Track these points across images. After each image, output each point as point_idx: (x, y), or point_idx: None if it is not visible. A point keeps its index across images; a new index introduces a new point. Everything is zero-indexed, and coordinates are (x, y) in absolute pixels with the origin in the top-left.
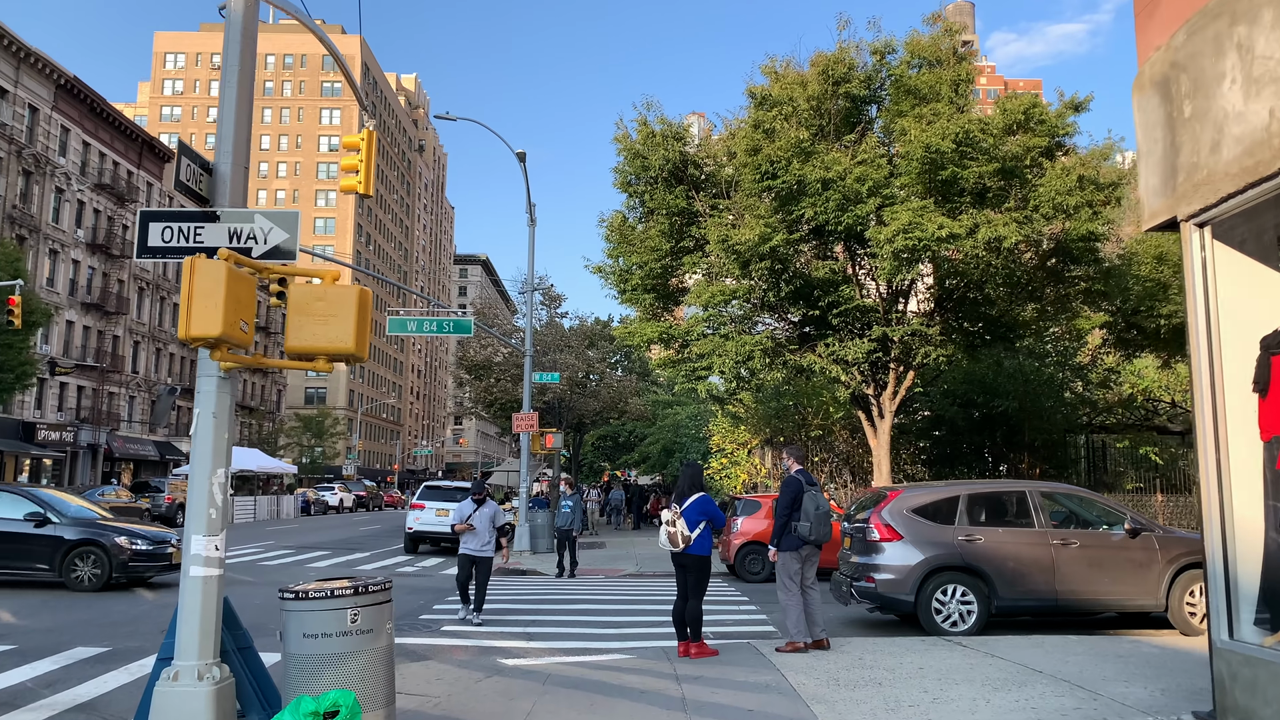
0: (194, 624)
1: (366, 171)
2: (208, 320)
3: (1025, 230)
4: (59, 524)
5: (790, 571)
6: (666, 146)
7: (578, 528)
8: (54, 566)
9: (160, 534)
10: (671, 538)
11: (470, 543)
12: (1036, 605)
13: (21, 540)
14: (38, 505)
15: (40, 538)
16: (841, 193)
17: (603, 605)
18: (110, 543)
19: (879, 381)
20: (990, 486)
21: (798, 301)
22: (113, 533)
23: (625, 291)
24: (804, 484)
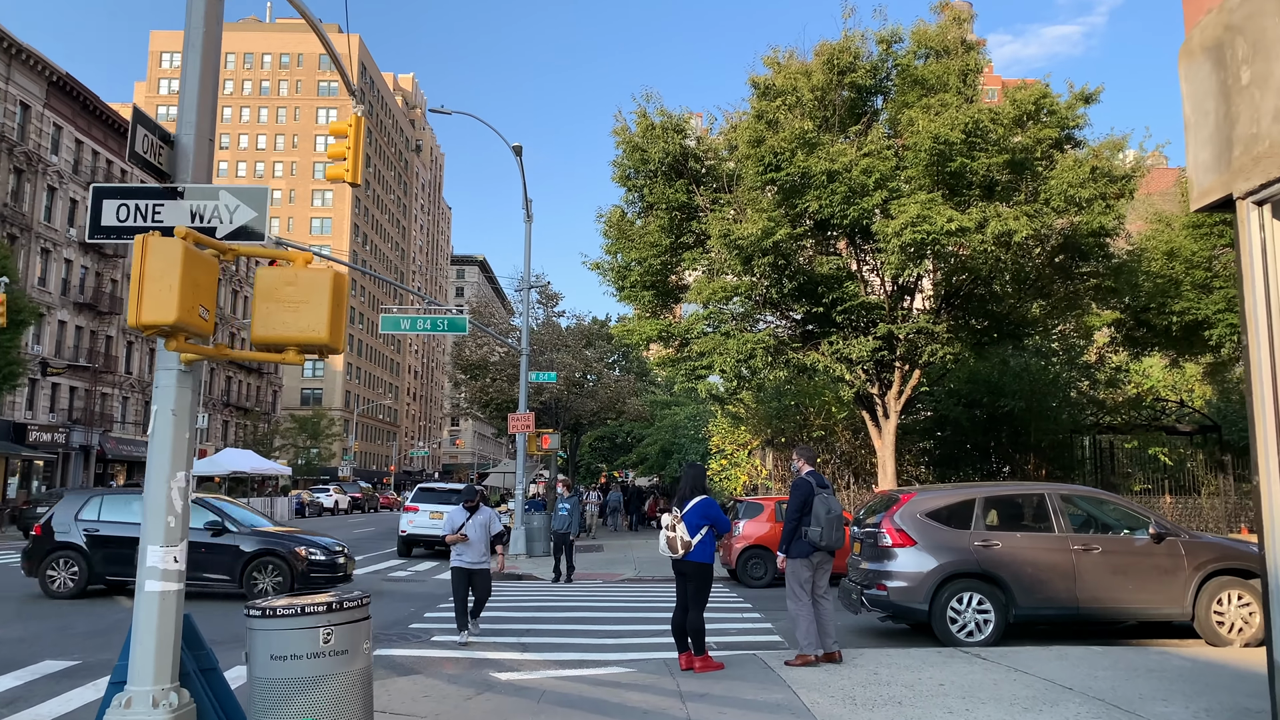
0: (149, 644)
1: (354, 159)
2: (161, 306)
3: (1036, 224)
4: (236, 533)
5: (800, 580)
6: (666, 139)
7: (575, 531)
8: (234, 577)
9: (330, 542)
10: (671, 543)
11: (464, 555)
12: (1057, 614)
13: (201, 550)
14: (215, 514)
15: (219, 547)
16: (847, 185)
17: (601, 613)
18: (289, 552)
19: (884, 380)
20: (1008, 489)
21: (801, 298)
22: (290, 542)
23: (624, 289)
24: (815, 486)
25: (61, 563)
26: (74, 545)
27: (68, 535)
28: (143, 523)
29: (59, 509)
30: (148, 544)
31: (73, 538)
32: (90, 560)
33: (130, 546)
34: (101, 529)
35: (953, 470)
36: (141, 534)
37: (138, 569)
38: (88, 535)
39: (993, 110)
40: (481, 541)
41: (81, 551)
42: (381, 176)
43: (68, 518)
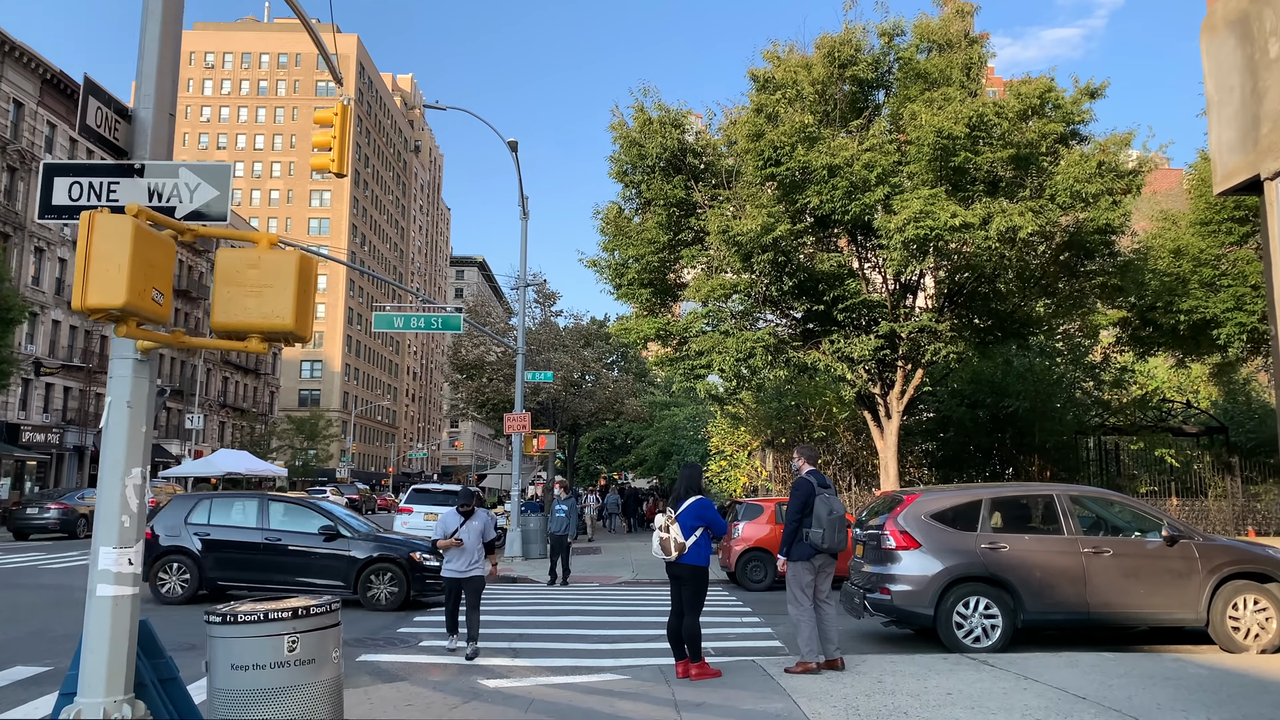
0: (101, 654)
1: (340, 149)
2: (109, 288)
3: (1041, 220)
4: (350, 538)
5: (802, 584)
6: (664, 134)
7: (572, 533)
8: (350, 584)
9: None
10: (664, 545)
11: (456, 561)
12: (1066, 619)
13: (316, 557)
14: (327, 518)
15: (333, 554)
16: (849, 180)
17: (595, 616)
18: (404, 558)
19: (886, 380)
20: (1015, 490)
21: (801, 296)
22: (403, 547)
23: (621, 286)
24: (816, 486)
25: (173, 567)
26: (185, 550)
27: (177, 539)
28: (95, 522)
29: (166, 512)
30: (99, 545)
31: (183, 542)
32: (201, 565)
33: (242, 551)
34: (213, 533)
35: (955, 472)
36: (94, 534)
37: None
38: (199, 539)
39: (997, 104)
40: (476, 549)
41: (193, 556)
42: (380, 177)
43: (176, 521)
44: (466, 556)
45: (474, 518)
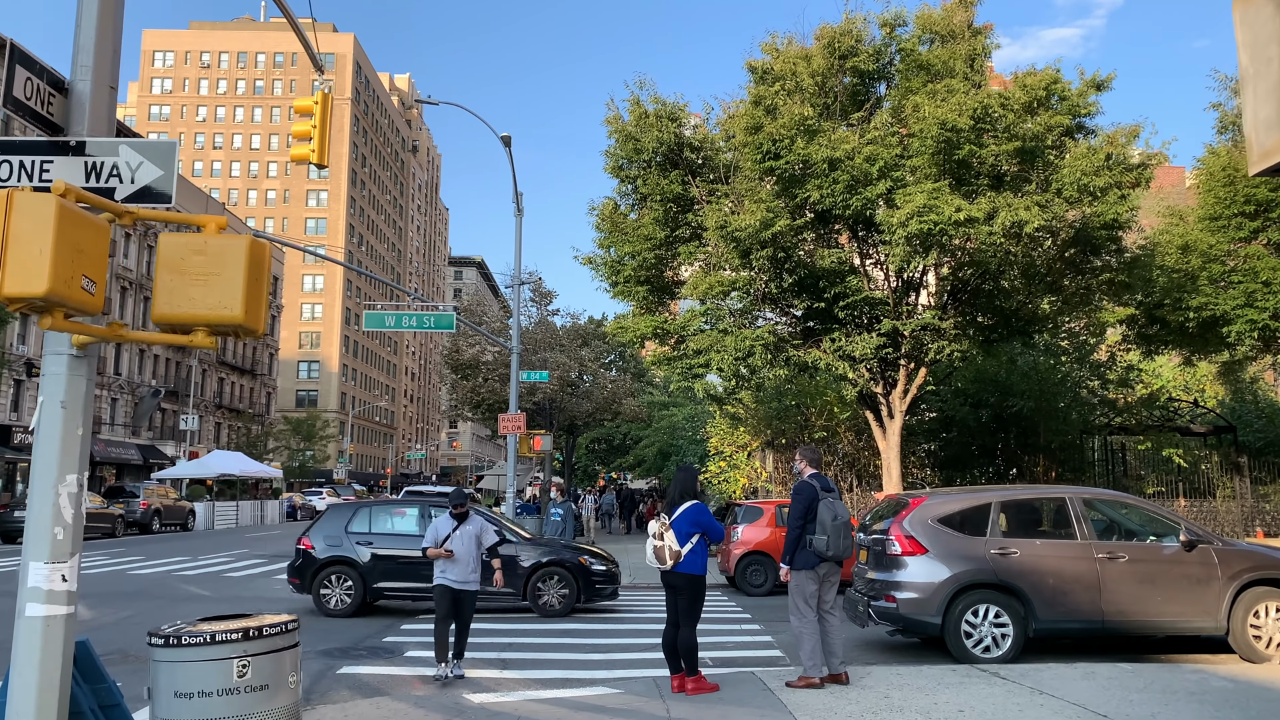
0: (31, 680)
1: (321, 138)
2: (29, 274)
3: (1047, 215)
4: (517, 544)
5: (805, 594)
6: (660, 128)
7: (568, 538)
8: (518, 590)
9: (602, 551)
10: (658, 553)
11: (449, 572)
12: (1080, 628)
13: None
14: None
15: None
16: (850, 173)
17: (588, 624)
18: (574, 563)
19: (888, 379)
20: (1026, 493)
21: (801, 293)
22: (571, 552)
23: (617, 284)
24: (819, 490)
25: (334, 579)
26: (348, 560)
27: (339, 549)
28: (25, 534)
29: (324, 522)
30: (29, 559)
31: (345, 551)
32: (365, 575)
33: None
34: (375, 541)
35: (958, 473)
36: (24, 547)
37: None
38: (362, 548)
39: (1002, 95)
40: (471, 557)
41: (355, 566)
42: (377, 176)
43: (337, 530)
44: (460, 567)
45: (468, 522)
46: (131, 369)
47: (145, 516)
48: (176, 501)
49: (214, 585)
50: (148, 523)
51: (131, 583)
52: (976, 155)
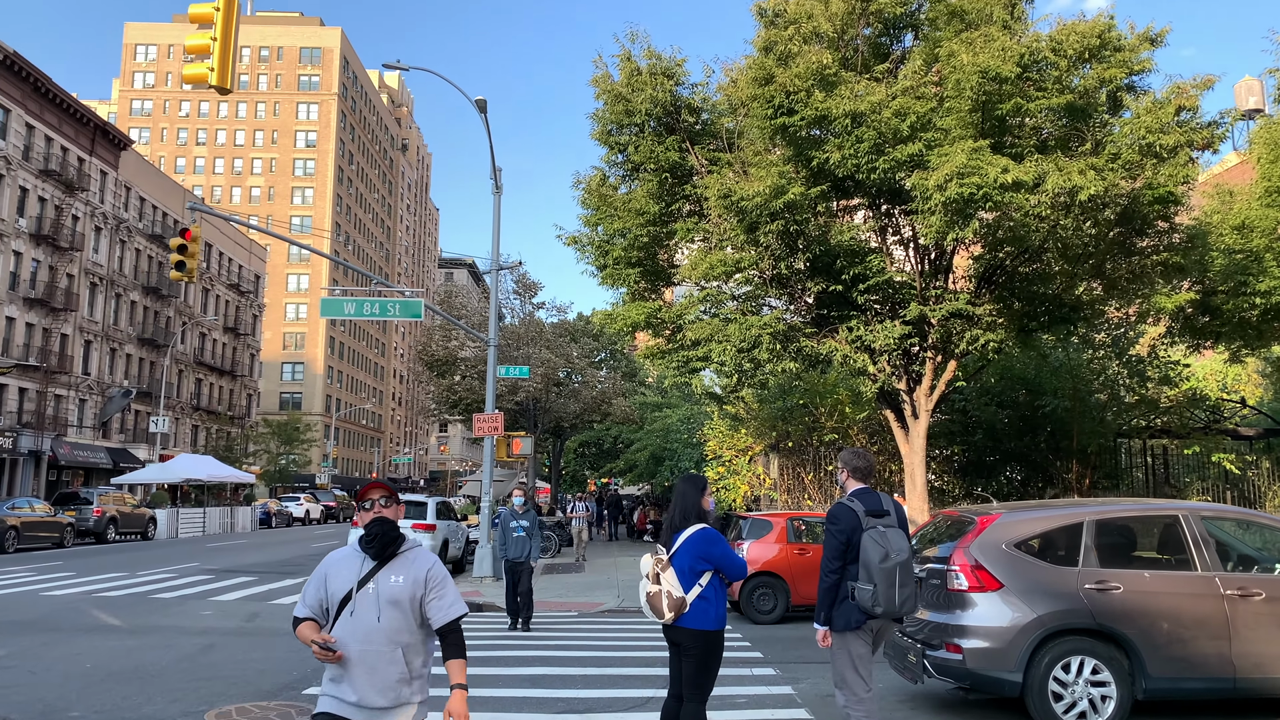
0: None
1: (223, 56)
2: None
3: (1104, 181)
4: None
5: (855, 659)
6: (655, 85)
7: (535, 556)
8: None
9: None
10: (653, 602)
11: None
12: (1204, 688)
13: None
14: None
15: None
16: (876, 130)
17: (565, 668)
18: None
19: (912, 374)
20: (1127, 509)
21: (815, 275)
22: None
23: (605, 266)
24: (861, 515)
25: None
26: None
27: None
28: None
29: None
30: None
31: None
32: None
33: None
34: None
35: (983, 480)
36: None
37: None
38: None
39: (1053, 39)
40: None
41: None
42: (365, 174)
43: None
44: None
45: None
46: (101, 368)
47: (99, 525)
48: (135, 508)
49: (133, 611)
50: (102, 531)
51: (37, 607)
52: (1024, 110)
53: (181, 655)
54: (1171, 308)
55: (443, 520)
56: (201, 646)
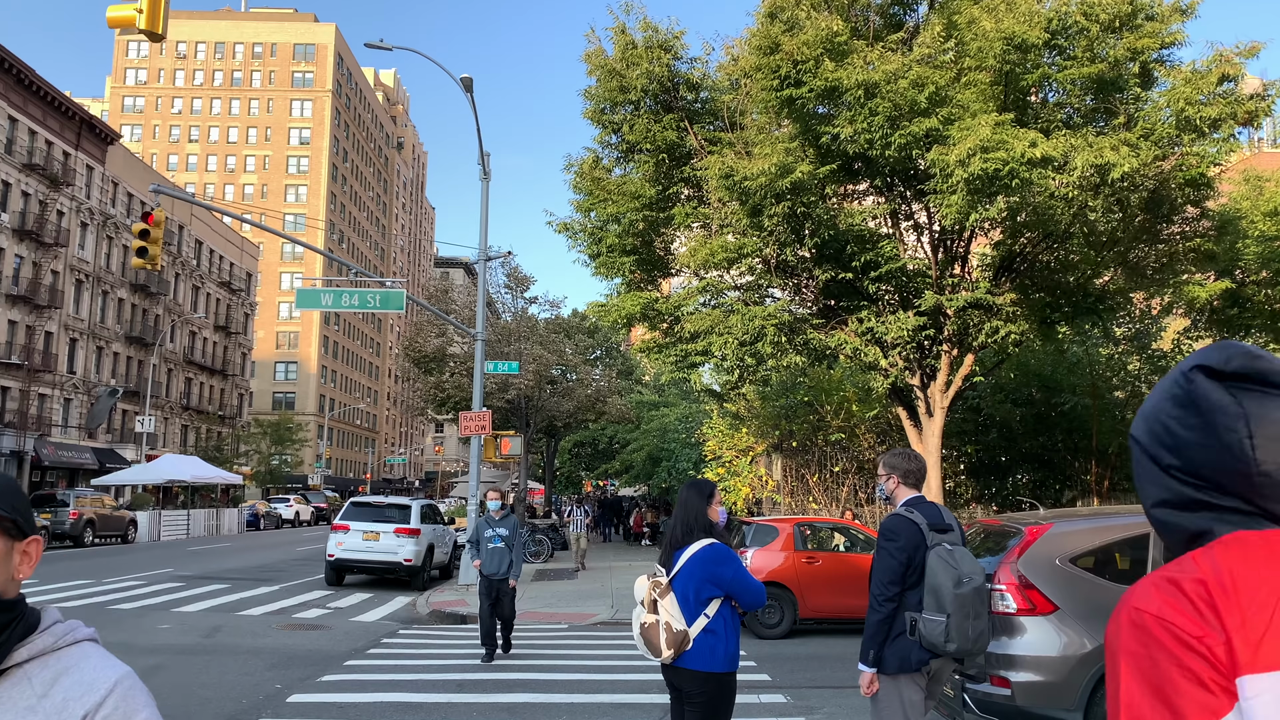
0: None
1: None
2: None
3: (1138, 158)
4: None
5: (908, 705)
6: (651, 59)
7: (516, 572)
8: None
9: None
10: (648, 636)
11: None
12: None
13: None
14: None
15: None
16: (891, 102)
17: (550, 693)
18: None
19: (926, 368)
20: None
21: (823, 262)
22: None
23: (599, 255)
24: (924, 530)
25: None
26: None
27: None
28: None
29: None
30: None
31: None
32: None
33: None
34: None
35: (999, 480)
36: None
37: None
38: None
39: (1084, 2)
40: None
41: None
42: (359, 172)
43: None
44: None
45: (30, 685)
46: (88, 367)
47: (76, 528)
48: (115, 511)
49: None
50: (79, 535)
51: None
52: (1051, 81)
53: None
54: (1206, 297)
55: (428, 524)
56: (147, 669)
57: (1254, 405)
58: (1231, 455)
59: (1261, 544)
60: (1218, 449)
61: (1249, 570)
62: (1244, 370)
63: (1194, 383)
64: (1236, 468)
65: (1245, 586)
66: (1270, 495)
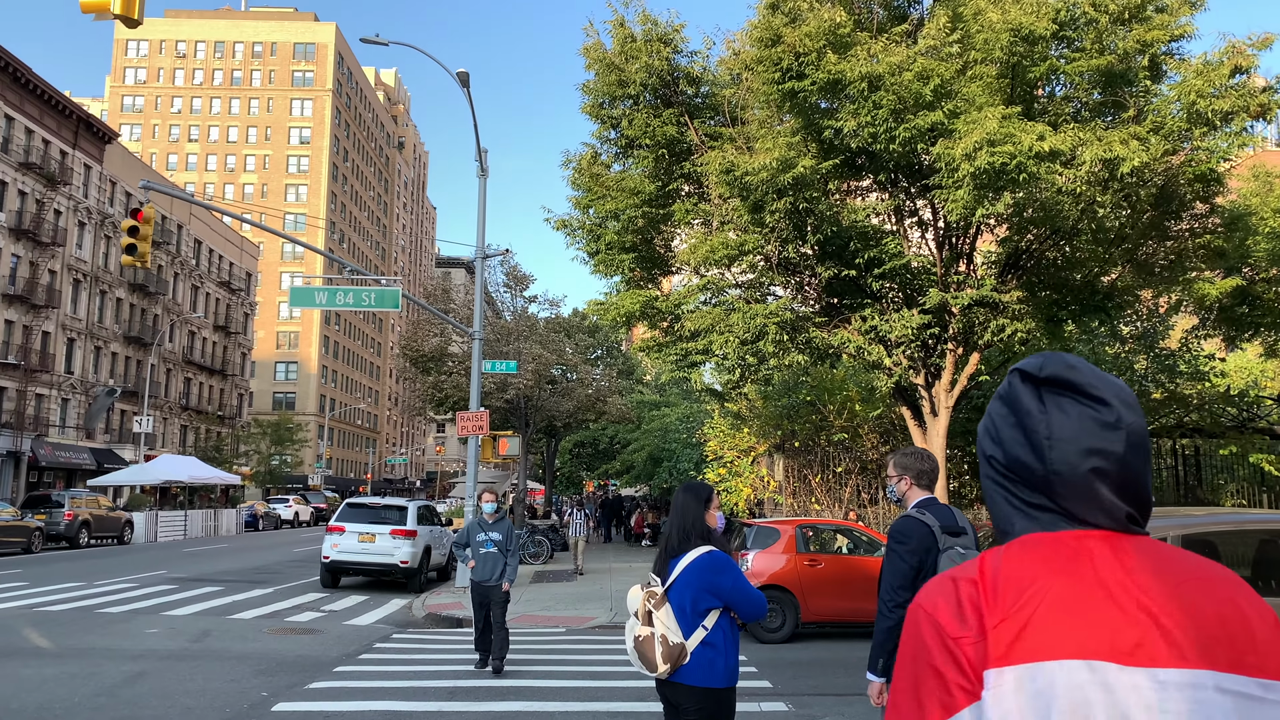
0: None
1: None
2: None
3: (1149, 152)
4: None
5: None
6: (651, 53)
7: (511, 575)
8: None
9: None
10: (643, 650)
11: None
12: None
13: None
14: None
15: None
16: (896, 94)
17: (545, 702)
18: None
19: (930, 367)
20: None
21: (825, 259)
22: None
23: (598, 252)
24: (936, 533)
25: None
26: None
27: None
28: None
29: None
30: None
31: None
32: None
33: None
34: None
35: None
36: None
37: None
38: None
39: None
40: None
41: None
42: (360, 172)
43: None
44: None
45: None
46: (86, 367)
47: (71, 529)
48: (110, 512)
49: (70, 629)
50: (74, 536)
51: None
52: (1059, 74)
53: (101, 688)
54: (1216, 295)
55: (424, 525)
56: (129, 676)
57: (1056, 410)
58: (1034, 453)
59: (1042, 546)
60: (1025, 446)
61: (1021, 571)
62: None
63: (1013, 385)
64: (1035, 466)
65: (1012, 588)
66: (1063, 494)
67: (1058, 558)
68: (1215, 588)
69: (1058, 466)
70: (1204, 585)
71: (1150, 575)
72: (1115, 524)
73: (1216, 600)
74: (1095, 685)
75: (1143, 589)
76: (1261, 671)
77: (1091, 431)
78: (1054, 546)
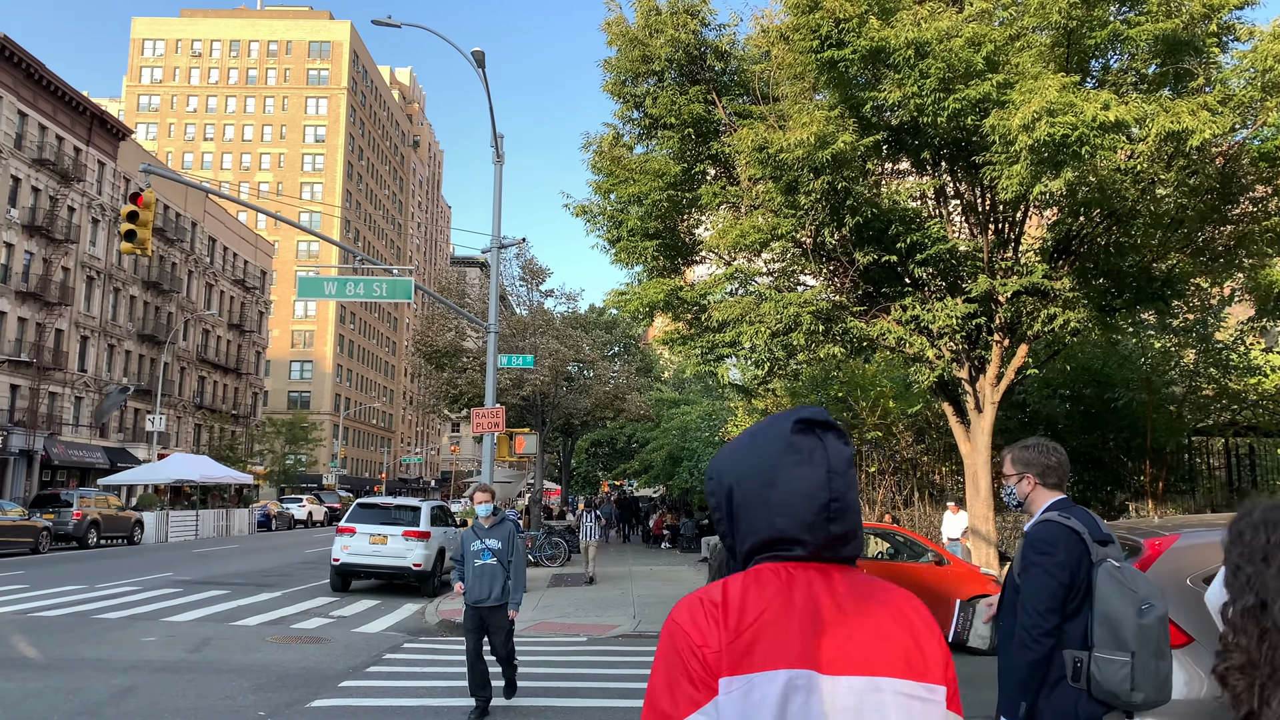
0: None
1: None
2: None
3: (1221, 124)
4: None
5: None
6: (676, 26)
7: (516, 598)
8: None
9: None
10: None
11: None
12: None
13: None
14: None
15: None
16: (945, 62)
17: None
18: None
19: (975, 360)
20: None
21: (863, 244)
22: None
23: (619, 239)
24: (1088, 542)
25: None
26: None
27: None
28: None
29: None
30: None
31: None
32: None
33: None
34: None
35: None
36: None
37: None
38: None
39: None
40: None
41: None
42: (375, 170)
43: None
44: None
45: None
46: (99, 365)
47: (79, 529)
48: (120, 511)
49: (63, 636)
50: (83, 536)
51: None
52: (1121, 38)
53: (85, 705)
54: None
55: (438, 527)
56: (117, 691)
57: (788, 457)
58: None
59: (771, 574)
60: None
61: (753, 595)
62: (813, 419)
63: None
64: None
65: (744, 609)
66: None
67: (779, 584)
68: (895, 607)
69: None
70: (885, 606)
71: (848, 598)
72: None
73: (895, 618)
74: (801, 690)
75: (841, 609)
76: (927, 676)
77: None
78: (780, 577)
